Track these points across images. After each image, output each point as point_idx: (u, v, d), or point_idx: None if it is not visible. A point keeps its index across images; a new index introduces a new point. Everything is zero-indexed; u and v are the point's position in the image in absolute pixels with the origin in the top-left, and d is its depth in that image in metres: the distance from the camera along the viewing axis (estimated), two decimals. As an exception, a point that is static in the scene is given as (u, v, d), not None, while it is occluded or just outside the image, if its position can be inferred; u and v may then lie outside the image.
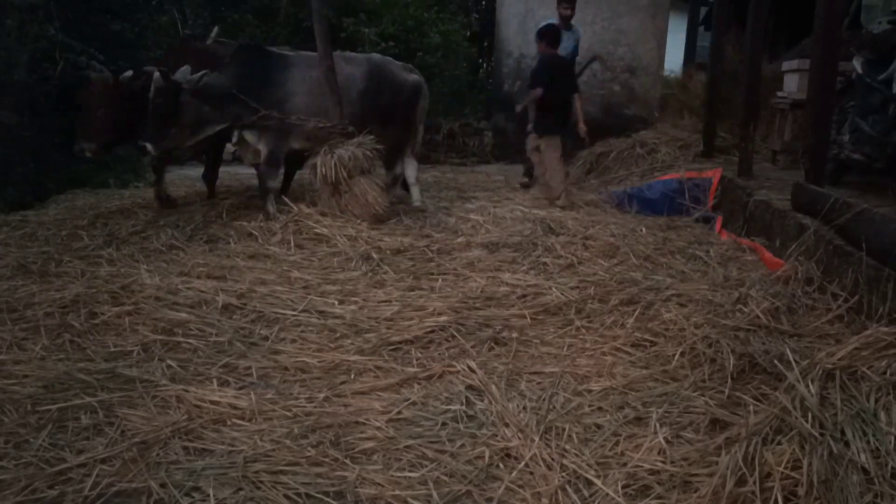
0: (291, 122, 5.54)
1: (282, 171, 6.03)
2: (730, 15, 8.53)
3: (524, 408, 2.79)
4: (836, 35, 4.42)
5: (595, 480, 2.33)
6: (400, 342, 3.42)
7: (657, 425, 2.61)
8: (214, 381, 3.00)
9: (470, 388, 2.96)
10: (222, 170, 6.88)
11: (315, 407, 2.82)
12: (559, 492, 2.26)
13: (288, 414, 2.75)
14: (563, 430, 2.62)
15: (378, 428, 2.65)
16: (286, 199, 5.54)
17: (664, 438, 2.52)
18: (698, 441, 2.52)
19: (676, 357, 3.15)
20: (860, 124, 4.81)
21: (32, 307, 3.70)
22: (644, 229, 5.43)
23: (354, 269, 4.46)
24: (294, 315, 3.70)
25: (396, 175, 6.29)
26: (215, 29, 6.68)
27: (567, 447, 2.51)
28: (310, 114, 5.57)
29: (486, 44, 12.48)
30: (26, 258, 4.56)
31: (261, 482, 2.31)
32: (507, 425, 2.64)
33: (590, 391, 2.96)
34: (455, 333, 3.50)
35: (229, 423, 2.69)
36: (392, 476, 2.37)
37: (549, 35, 6.79)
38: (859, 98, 4.92)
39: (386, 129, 5.88)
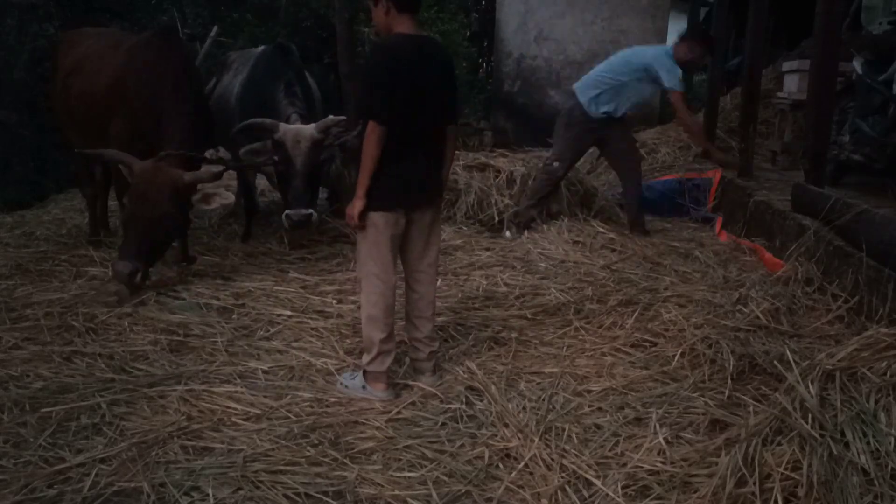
0: None
1: None
2: (729, 16, 8.51)
3: (524, 408, 2.78)
4: (836, 36, 4.41)
5: (595, 481, 2.32)
6: (399, 342, 3.41)
7: (657, 426, 2.61)
8: (214, 381, 2.99)
9: (469, 388, 2.96)
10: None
11: (315, 407, 2.82)
12: (559, 492, 2.26)
13: (287, 414, 2.75)
14: (563, 430, 2.62)
15: (377, 428, 2.65)
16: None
17: (664, 439, 2.52)
18: (698, 442, 2.52)
19: (676, 358, 3.15)
20: (860, 125, 4.81)
21: (31, 307, 3.70)
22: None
23: (353, 270, 4.45)
24: (293, 315, 3.69)
25: None
26: (214, 28, 6.65)
27: (567, 447, 2.51)
28: None
29: (485, 44, 12.47)
30: (25, 258, 4.55)
31: (260, 482, 2.31)
32: (506, 425, 2.63)
33: (589, 391, 2.95)
34: (454, 333, 3.50)
35: (228, 422, 2.68)
36: (391, 476, 2.37)
37: None
38: (859, 99, 4.92)
39: None
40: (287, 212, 4.24)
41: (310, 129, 4.32)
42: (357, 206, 2.83)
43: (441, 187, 3.10)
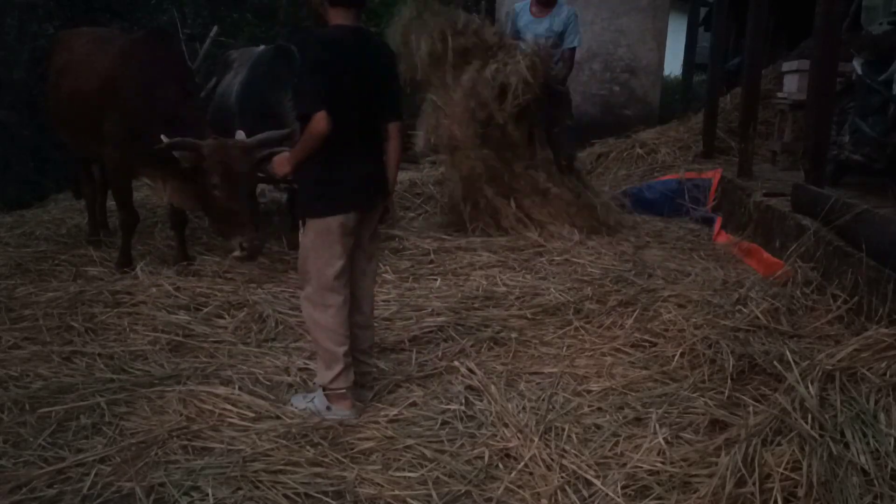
0: None
1: None
2: (729, 16, 8.52)
3: (523, 408, 2.78)
4: (836, 36, 4.41)
5: (594, 481, 2.32)
6: (398, 342, 3.41)
7: (657, 426, 2.61)
8: (214, 381, 2.99)
9: (469, 388, 2.96)
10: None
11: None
12: (559, 492, 2.26)
13: (287, 413, 2.74)
14: (563, 430, 2.62)
15: (377, 428, 2.65)
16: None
17: (664, 439, 2.51)
18: (698, 442, 2.52)
19: (676, 358, 3.15)
20: (860, 125, 4.80)
21: (31, 307, 3.69)
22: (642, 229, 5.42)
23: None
24: (292, 314, 3.69)
25: None
26: (214, 28, 6.63)
27: (566, 447, 2.51)
28: None
29: (485, 44, 12.45)
30: (25, 258, 4.54)
31: (260, 482, 2.30)
32: (506, 425, 2.63)
33: (589, 391, 2.95)
34: (454, 333, 3.50)
35: (228, 422, 2.68)
36: (391, 476, 2.37)
37: None
38: (859, 99, 4.91)
39: None
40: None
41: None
42: (286, 167, 2.71)
43: (387, 186, 2.90)
